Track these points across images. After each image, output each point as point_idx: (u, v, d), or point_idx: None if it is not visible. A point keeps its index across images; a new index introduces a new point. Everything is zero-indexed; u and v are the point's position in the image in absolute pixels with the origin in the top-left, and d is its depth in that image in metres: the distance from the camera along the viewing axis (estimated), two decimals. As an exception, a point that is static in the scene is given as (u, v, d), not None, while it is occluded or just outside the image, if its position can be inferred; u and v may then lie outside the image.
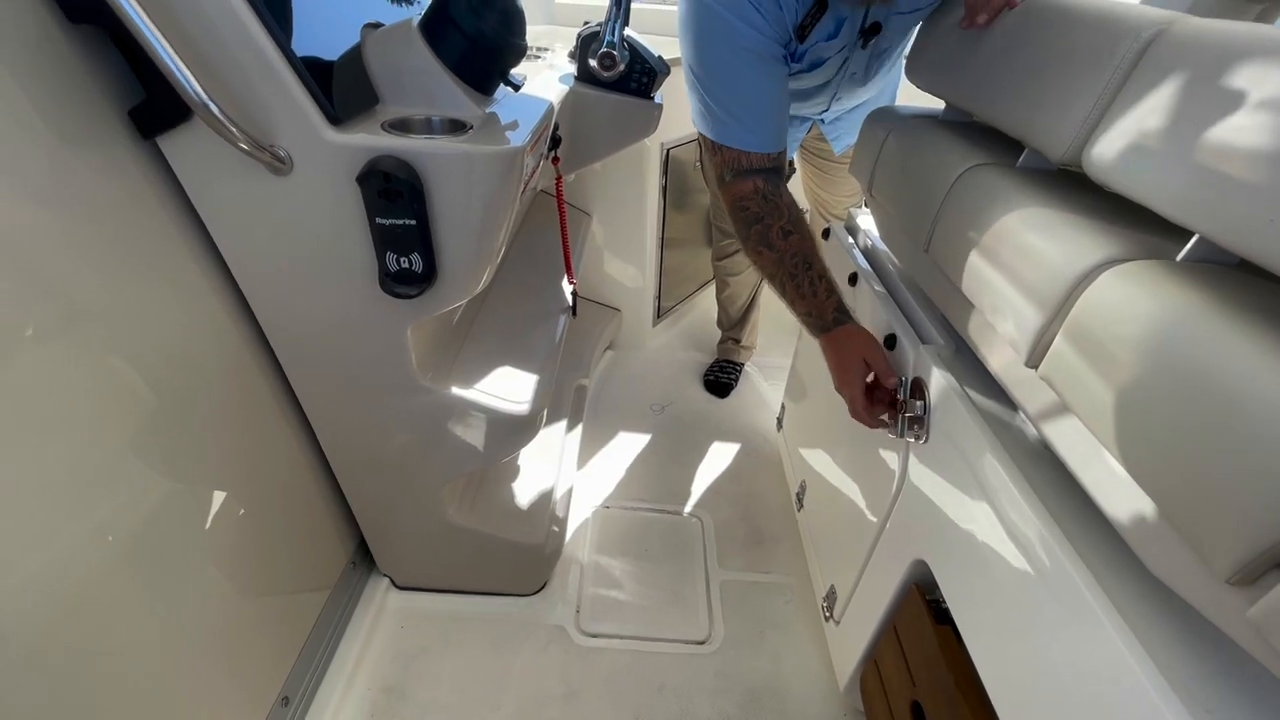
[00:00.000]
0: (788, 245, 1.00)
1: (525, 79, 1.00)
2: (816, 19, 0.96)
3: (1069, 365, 0.61)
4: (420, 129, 0.78)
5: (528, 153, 0.81)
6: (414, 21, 0.81)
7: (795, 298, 1.02)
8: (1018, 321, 0.69)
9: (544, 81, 1.19)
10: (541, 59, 1.43)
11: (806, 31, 0.98)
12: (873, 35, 1.06)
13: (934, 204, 0.90)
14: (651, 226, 1.97)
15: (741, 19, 0.92)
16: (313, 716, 1.13)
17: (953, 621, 0.80)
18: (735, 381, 2.10)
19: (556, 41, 1.58)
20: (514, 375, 1.14)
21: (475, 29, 0.80)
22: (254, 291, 0.87)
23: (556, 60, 1.42)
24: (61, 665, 0.65)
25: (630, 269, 2.07)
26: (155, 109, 0.71)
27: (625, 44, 1.27)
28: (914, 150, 1.03)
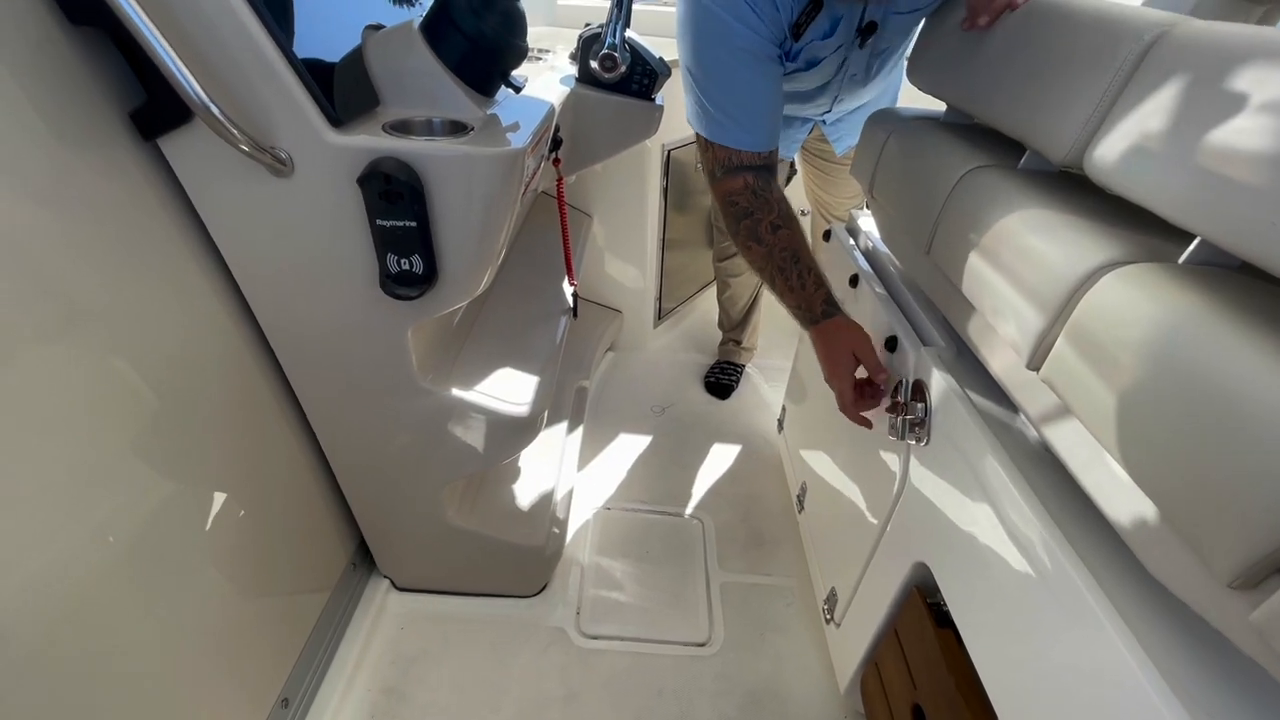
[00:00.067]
0: (776, 239, 1.02)
1: (526, 80, 1.01)
2: (812, 17, 0.97)
3: (1070, 368, 0.61)
4: (421, 130, 0.78)
5: (529, 154, 0.81)
6: (415, 23, 0.81)
7: (784, 290, 1.03)
8: (1019, 324, 0.69)
9: (545, 83, 1.20)
10: (543, 60, 1.43)
11: (801, 30, 0.98)
12: (869, 34, 1.06)
13: (935, 206, 0.90)
14: (652, 228, 1.97)
15: (738, 19, 0.93)
16: (312, 718, 1.13)
17: (954, 624, 0.80)
18: (736, 383, 2.10)
19: (558, 43, 1.58)
20: (514, 377, 1.14)
21: (476, 30, 0.80)
22: (254, 293, 0.88)
23: (558, 62, 1.42)
24: (61, 666, 0.65)
25: (631, 270, 2.07)
26: (156, 111, 0.71)
27: (626, 46, 1.28)
28: (915, 152, 1.03)
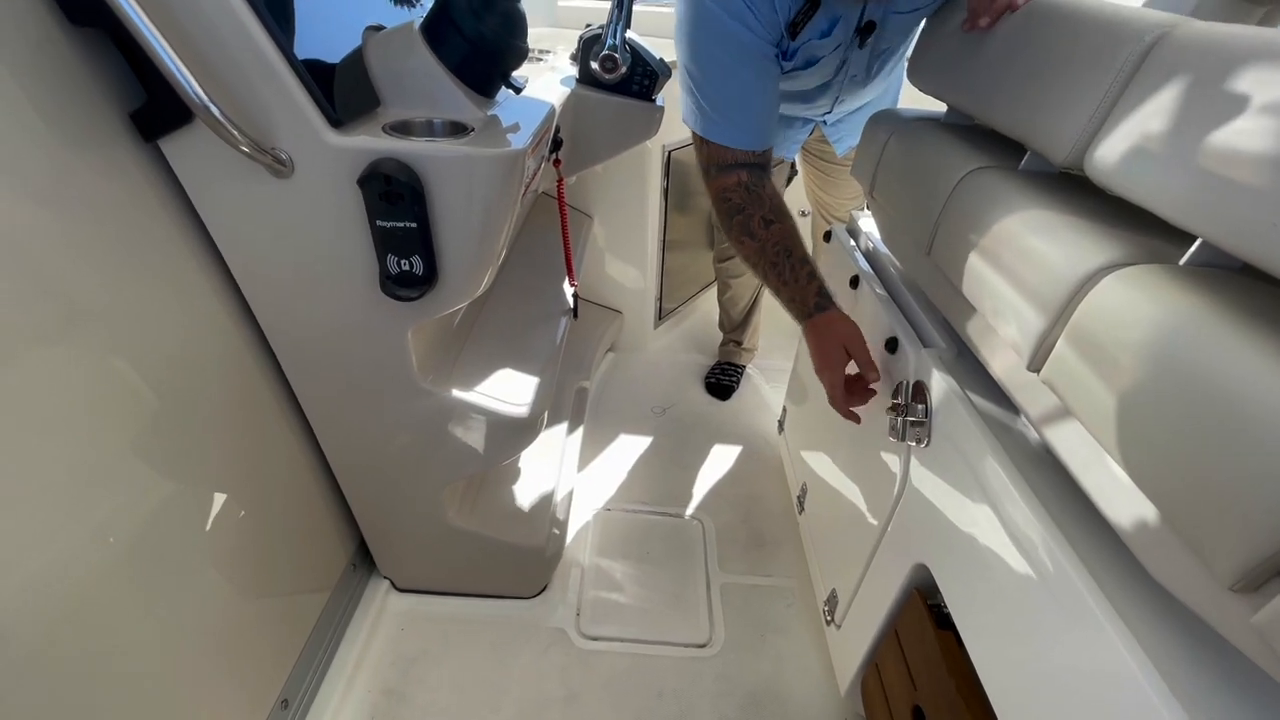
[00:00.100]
0: (769, 234, 1.03)
1: (527, 81, 1.01)
2: (809, 16, 0.97)
3: (1071, 369, 0.60)
4: (421, 131, 0.78)
5: (529, 155, 0.81)
6: (415, 24, 0.81)
7: (778, 285, 1.04)
8: (1020, 325, 0.69)
9: (545, 84, 1.20)
10: (543, 61, 1.43)
11: (798, 29, 0.99)
12: (869, 34, 1.06)
13: (936, 207, 0.89)
14: (653, 228, 1.97)
15: (735, 18, 0.94)
16: (312, 718, 1.13)
17: (954, 626, 0.80)
18: (737, 384, 2.10)
19: (558, 44, 1.59)
20: (515, 377, 1.14)
21: (477, 31, 0.80)
22: (255, 293, 0.88)
23: (558, 63, 1.42)
24: (61, 666, 0.65)
25: (631, 271, 2.07)
26: (157, 111, 0.71)
27: (627, 47, 1.28)
28: (916, 153, 1.03)
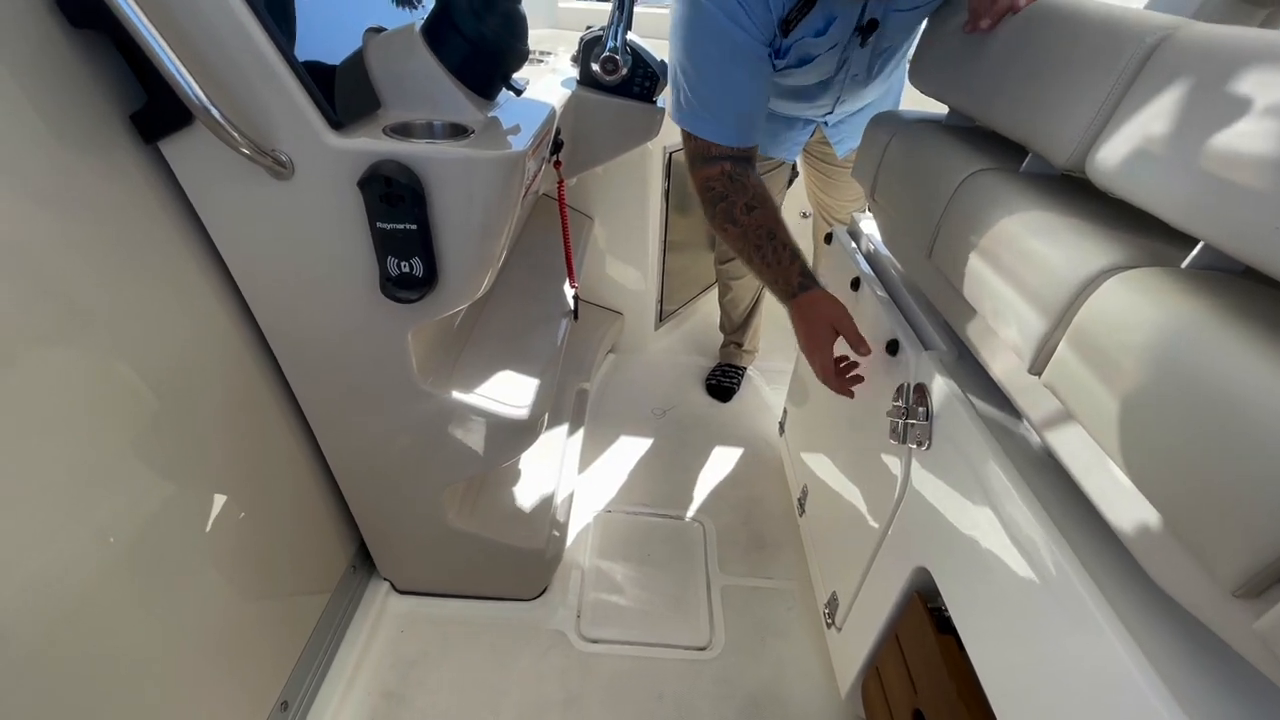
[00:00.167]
0: (751, 220, 1.04)
1: (527, 83, 1.01)
2: (803, 13, 0.98)
3: (1072, 372, 0.60)
4: (422, 133, 0.78)
5: (529, 157, 0.81)
6: (416, 26, 0.81)
7: (761, 267, 1.06)
8: (1021, 328, 0.68)
9: (546, 85, 1.20)
10: (544, 63, 1.44)
11: (791, 26, 0.99)
12: (870, 32, 1.06)
13: (937, 209, 0.89)
14: (654, 230, 1.97)
15: (729, 17, 0.95)
16: (312, 720, 1.13)
17: (955, 630, 0.80)
18: (737, 386, 2.10)
19: (559, 45, 1.59)
20: (515, 379, 1.14)
21: (477, 33, 0.80)
22: (255, 295, 0.88)
23: (559, 64, 1.43)
24: (61, 666, 0.65)
25: (632, 272, 2.07)
26: (157, 113, 0.71)
27: (628, 48, 1.28)
28: (917, 154, 1.03)
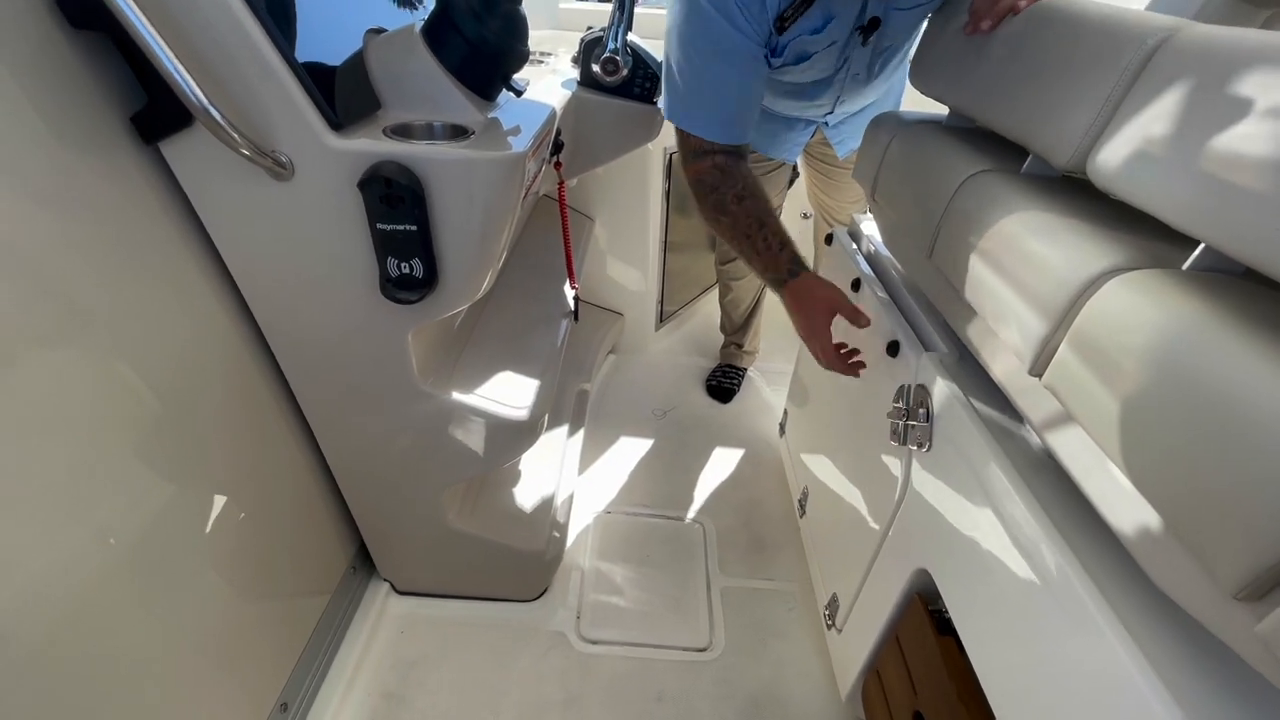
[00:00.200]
0: (741, 209, 1.06)
1: (528, 84, 1.01)
2: (800, 10, 0.98)
3: (1073, 374, 0.60)
4: (422, 134, 0.78)
5: (530, 158, 0.81)
6: (416, 27, 0.81)
7: (752, 255, 1.07)
8: (1021, 329, 0.68)
9: (547, 86, 1.20)
10: (544, 64, 1.44)
11: (786, 24, 0.99)
12: (872, 31, 1.06)
13: (937, 210, 0.89)
14: (654, 231, 1.97)
15: (725, 16, 0.96)
16: (311, 721, 1.13)
17: (955, 631, 0.79)
18: (738, 387, 2.10)
19: (560, 46, 1.59)
20: (515, 380, 1.14)
21: (478, 34, 0.80)
22: (255, 296, 0.88)
23: (559, 65, 1.43)
24: (61, 667, 0.65)
25: (633, 273, 2.07)
26: (157, 114, 0.71)
27: (628, 49, 1.28)
28: (917, 155, 1.03)
